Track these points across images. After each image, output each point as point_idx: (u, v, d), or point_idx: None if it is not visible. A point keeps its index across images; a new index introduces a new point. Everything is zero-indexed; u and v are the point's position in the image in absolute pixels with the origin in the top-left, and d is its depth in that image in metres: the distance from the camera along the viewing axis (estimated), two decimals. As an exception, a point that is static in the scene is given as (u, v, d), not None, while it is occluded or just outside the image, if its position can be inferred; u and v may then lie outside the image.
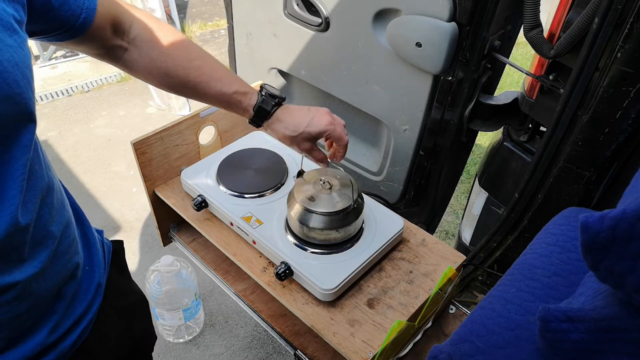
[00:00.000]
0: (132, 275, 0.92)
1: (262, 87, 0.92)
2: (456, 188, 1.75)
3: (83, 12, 0.67)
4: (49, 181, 0.64)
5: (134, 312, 0.89)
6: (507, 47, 1.34)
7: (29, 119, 0.55)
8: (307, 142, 0.95)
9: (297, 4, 1.51)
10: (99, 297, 0.77)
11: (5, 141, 0.53)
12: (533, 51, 1.11)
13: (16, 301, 0.61)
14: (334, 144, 1.01)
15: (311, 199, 1.02)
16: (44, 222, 0.63)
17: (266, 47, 1.70)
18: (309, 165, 1.20)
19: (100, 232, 0.84)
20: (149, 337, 0.95)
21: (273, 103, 0.91)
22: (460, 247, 1.63)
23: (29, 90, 0.54)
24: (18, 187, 0.55)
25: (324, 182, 1.04)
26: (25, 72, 0.53)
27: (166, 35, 0.82)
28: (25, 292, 0.61)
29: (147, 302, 0.94)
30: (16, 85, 0.51)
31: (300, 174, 1.12)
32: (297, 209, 1.04)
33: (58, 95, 3.31)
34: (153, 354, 0.98)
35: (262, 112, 0.90)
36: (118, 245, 0.87)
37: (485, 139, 2.73)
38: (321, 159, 1.01)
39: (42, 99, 3.26)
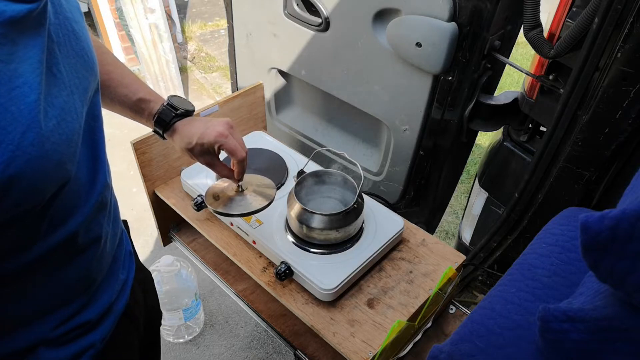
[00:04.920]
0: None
1: (168, 98, 0.87)
2: (456, 188, 1.75)
3: None
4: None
5: (146, 285, 0.92)
6: (507, 47, 1.34)
7: (96, 90, 0.62)
8: (205, 156, 0.87)
9: (297, 4, 1.51)
10: (133, 265, 0.82)
11: (96, 113, 0.62)
12: (533, 51, 1.11)
13: (100, 257, 0.67)
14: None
15: (216, 197, 0.95)
16: (111, 186, 0.70)
17: (266, 47, 1.70)
18: (312, 166, 1.20)
19: None
20: (158, 312, 0.98)
21: (173, 114, 0.86)
22: (460, 247, 1.63)
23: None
24: (105, 153, 0.66)
25: (239, 185, 0.94)
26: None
27: None
28: (105, 249, 0.68)
29: (153, 280, 0.97)
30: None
31: (301, 174, 1.12)
32: (297, 209, 1.04)
33: (58, 95, 3.31)
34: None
35: (161, 122, 0.86)
36: (125, 225, 0.90)
37: (485, 139, 2.73)
38: (226, 175, 0.91)
39: (42, 99, 3.25)
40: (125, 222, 0.89)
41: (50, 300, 0.62)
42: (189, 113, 0.88)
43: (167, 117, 0.86)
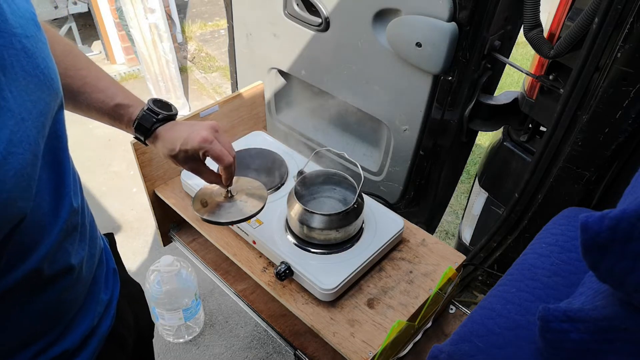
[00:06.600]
0: (132, 275, 0.92)
1: (148, 101, 0.81)
2: (456, 188, 1.75)
3: None
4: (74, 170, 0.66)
5: (137, 300, 0.89)
6: (507, 47, 1.34)
7: (60, 106, 0.58)
8: (190, 162, 0.82)
9: (297, 4, 1.51)
10: (117, 284, 0.79)
11: (60, 133, 0.57)
12: (533, 51, 1.11)
13: (74, 284, 0.63)
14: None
15: (204, 203, 0.91)
16: (82, 207, 0.66)
17: (266, 47, 1.70)
18: (311, 166, 1.20)
19: None
20: (150, 325, 0.96)
21: (154, 120, 0.79)
22: (460, 247, 1.63)
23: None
24: (70, 174, 0.60)
25: (227, 191, 0.91)
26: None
27: (53, 41, 0.71)
28: (80, 275, 0.64)
29: (143, 291, 0.95)
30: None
31: (301, 174, 1.12)
32: (297, 209, 1.04)
33: (58, 95, 3.31)
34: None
35: (142, 128, 0.80)
36: (110, 238, 0.86)
37: (485, 139, 2.73)
38: (213, 181, 0.86)
39: (42, 99, 3.25)
40: (110, 235, 0.85)
41: (20, 334, 0.58)
42: (171, 117, 0.83)
43: (148, 122, 0.80)
